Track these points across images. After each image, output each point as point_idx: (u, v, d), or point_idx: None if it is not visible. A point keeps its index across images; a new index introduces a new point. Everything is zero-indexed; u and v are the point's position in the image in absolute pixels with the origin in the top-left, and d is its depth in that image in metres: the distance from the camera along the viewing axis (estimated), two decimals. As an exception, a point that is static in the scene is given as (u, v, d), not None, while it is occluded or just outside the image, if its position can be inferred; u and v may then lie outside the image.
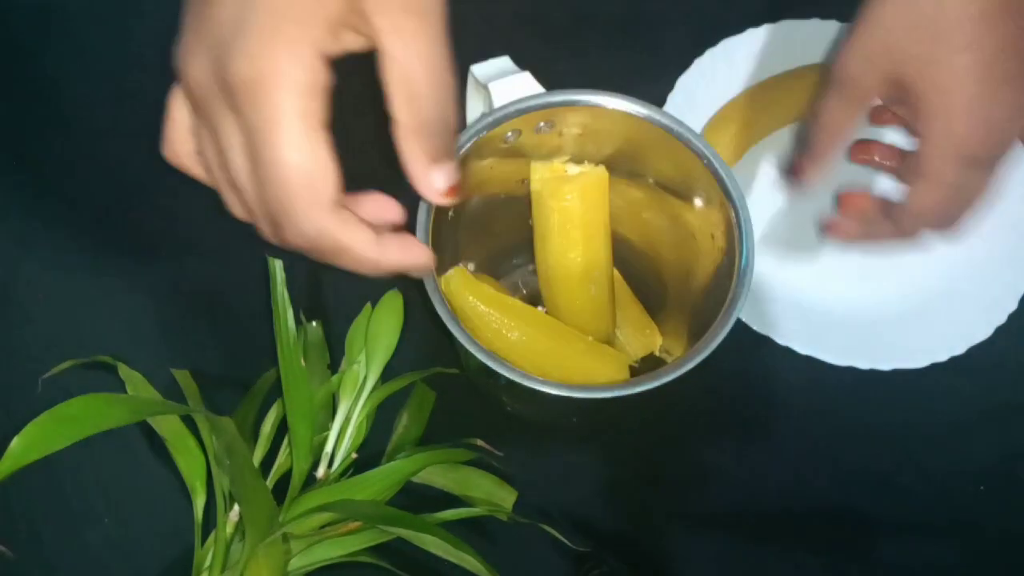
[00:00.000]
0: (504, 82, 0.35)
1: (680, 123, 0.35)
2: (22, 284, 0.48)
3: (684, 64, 0.50)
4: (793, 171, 0.41)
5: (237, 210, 0.29)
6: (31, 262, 0.48)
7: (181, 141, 0.29)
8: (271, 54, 0.24)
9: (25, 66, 0.52)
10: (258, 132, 0.24)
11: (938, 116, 0.33)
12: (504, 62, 0.37)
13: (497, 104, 0.35)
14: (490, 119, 0.35)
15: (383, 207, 0.30)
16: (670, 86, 0.50)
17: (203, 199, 0.48)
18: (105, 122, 0.51)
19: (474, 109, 0.39)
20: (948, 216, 0.36)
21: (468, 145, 0.35)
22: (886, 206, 0.38)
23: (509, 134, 0.36)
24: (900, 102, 0.35)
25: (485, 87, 0.35)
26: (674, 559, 0.43)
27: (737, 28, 0.51)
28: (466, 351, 0.32)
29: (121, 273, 0.48)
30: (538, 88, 0.36)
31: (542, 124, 0.36)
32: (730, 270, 0.35)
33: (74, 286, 0.47)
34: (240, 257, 0.44)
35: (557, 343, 0.40)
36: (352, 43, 0.26)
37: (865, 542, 0.44)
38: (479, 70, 0.36)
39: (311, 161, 0.25)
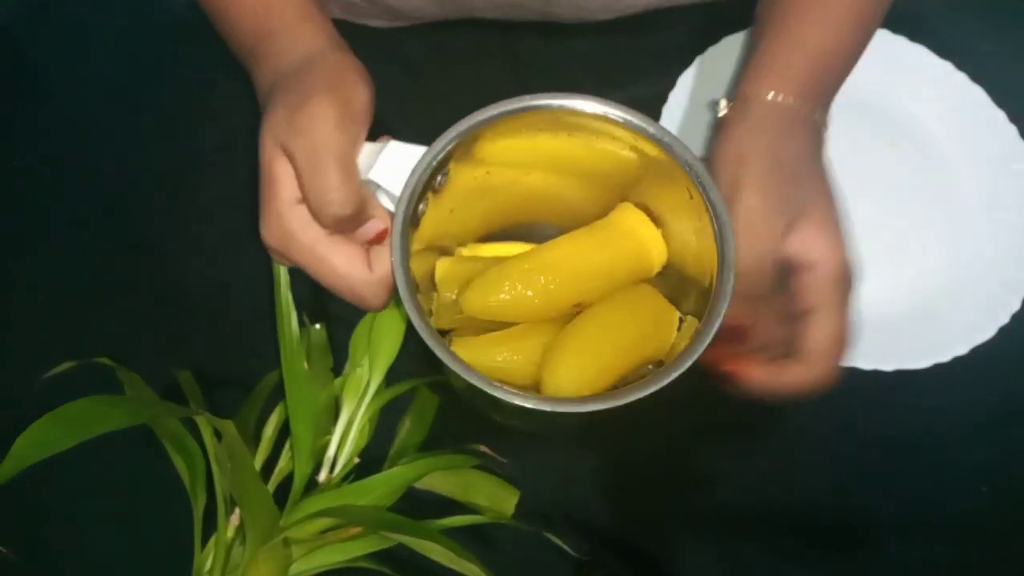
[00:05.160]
0: (379, 168, 0.33)
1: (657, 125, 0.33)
2: (22, 284, 0.47)
3: (686, 61, 0.50)
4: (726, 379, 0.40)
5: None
6: (31, 262, 0.48)
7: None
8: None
9: (24, 66, 0.52)
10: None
11: (825, 246, 0.37)
12: (370, 147, 0.34)
13: (391, 185, 0.33)
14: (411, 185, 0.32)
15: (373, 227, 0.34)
16: (672, 83, 0.49)
17: (203, 199, 0.49)
18: (105, 122, 0.51)
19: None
20: (847, 341, 0.38)
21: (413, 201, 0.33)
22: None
23: (439, 179, 0.34)
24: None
25: (372, 181, 0.33)
26: (675, 561, 0.43)
27: (739, 25, 0.51)
28: (452, 371, 0.31)
29: (122, 273, 0.48)
30: (411, 149, 0.33)
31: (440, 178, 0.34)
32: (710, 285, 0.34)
33: (74, 286, 0.47)
34: (244, 258, 0.43)
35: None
36: None
37: (865, 542, 0.44)
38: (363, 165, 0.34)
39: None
